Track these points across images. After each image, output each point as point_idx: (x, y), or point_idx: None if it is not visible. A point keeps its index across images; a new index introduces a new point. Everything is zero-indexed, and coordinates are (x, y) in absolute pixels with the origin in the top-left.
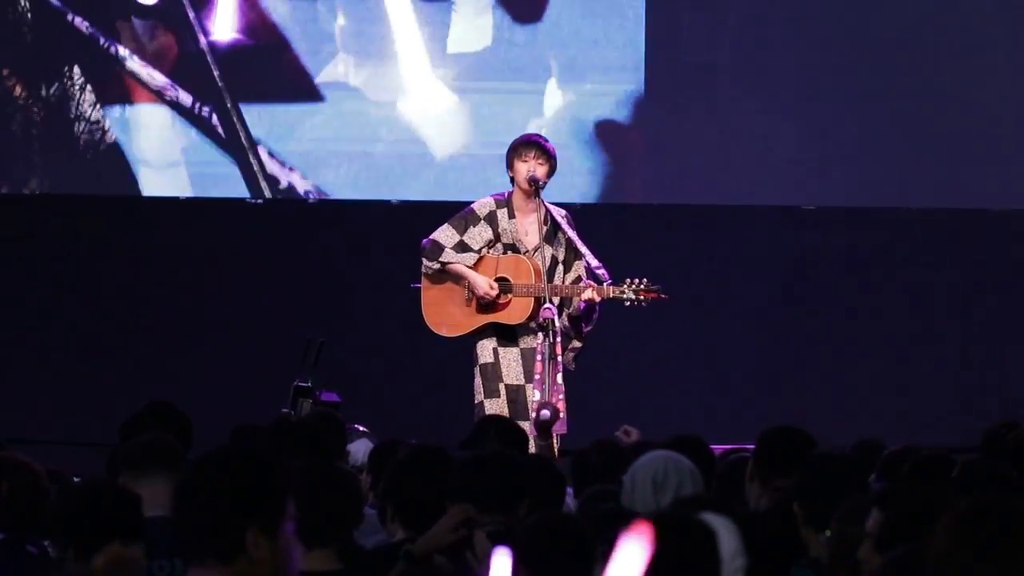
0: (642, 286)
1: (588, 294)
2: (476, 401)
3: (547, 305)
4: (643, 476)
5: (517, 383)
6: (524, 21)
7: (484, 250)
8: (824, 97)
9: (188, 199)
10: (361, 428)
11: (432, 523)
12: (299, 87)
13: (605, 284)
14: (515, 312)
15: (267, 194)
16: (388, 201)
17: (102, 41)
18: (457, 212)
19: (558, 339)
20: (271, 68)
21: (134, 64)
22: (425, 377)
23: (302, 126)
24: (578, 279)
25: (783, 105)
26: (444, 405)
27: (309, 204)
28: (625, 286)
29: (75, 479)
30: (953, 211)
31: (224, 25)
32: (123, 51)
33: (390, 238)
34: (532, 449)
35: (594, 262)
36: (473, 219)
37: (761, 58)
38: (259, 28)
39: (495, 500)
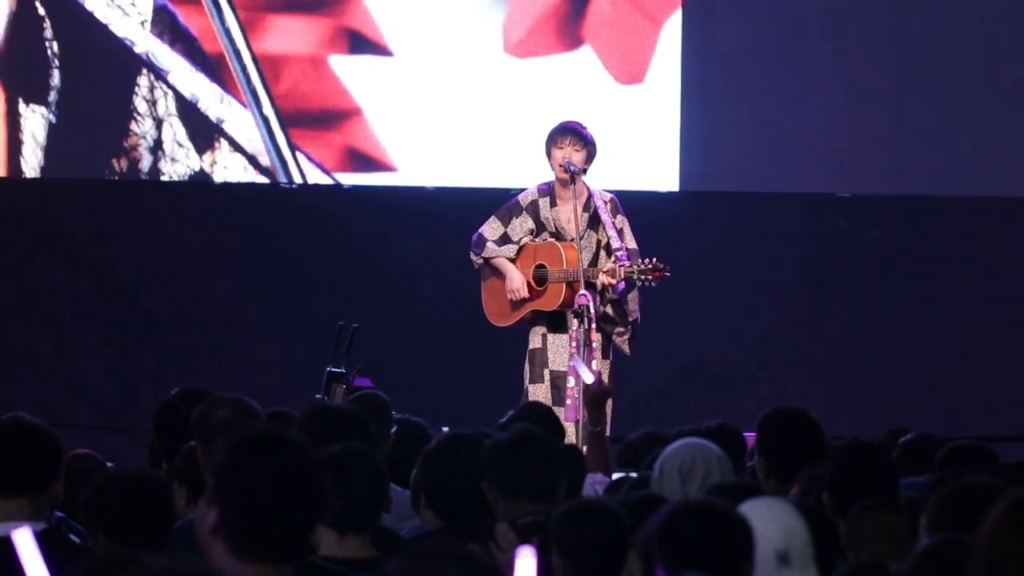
0: (649, 265)
1: (603, 278)
2: (524, 387)
3: (583, 292)
4: (671, 465)
5: (562, 369)
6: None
7: (526, 239)
8: (859, 84)
9: (221, 184)
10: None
11: (465, 511)
12: (337, 74)
13: (617, 265)
14: (550, 298)
15: (300, 179)
16: (424, 187)
17: (129, 30)
18: (503, 203)
19: (593, 326)
20: (305, 56)
21: (161, 48)
22: (458, 363)
23: (338, 112)
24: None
25: (817, 92)
26: (477, 391)
27: (344, 189)
28: (635, 266)
29: (109, 464)
30: (989, 199)
31: (257, 16)
32: (146, 35)
33: (425, 224)
34: (571, 439)
35: (616, 243)
36: (516, 210)
37: (796, 45)
38: (297, 20)
39: (534, 486)
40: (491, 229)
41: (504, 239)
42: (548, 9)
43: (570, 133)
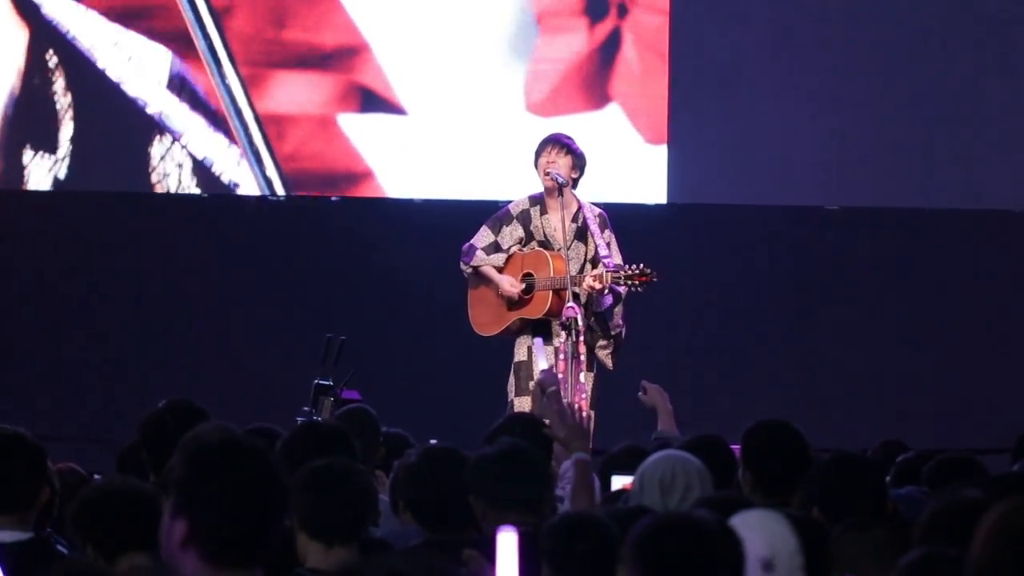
0: (636, 270)
1: (588, 282)
2: (509, 399)
3: (570, 304)
4: (650, 478)
5: None
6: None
7: (515, 248)
8: (847, 96)
9: (208, 196)
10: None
11: (449, 520)
12: (329, 88)
13: (603, 272)
14: (536, 306)
15: (286, 191)
16: (411, 199)
17: (118, 42)
18: (492, 214)
19: (581, 338)
20: (313, 115)
21: (149, 60)
22: (446, 375)
23: (348, 174)
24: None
25: (805, 105)
26: (465, 403)
27: (332, 202)
28: (622, 271)
29: (95, 477)
30: (976, 212)
31: (246, 26)
32: (132, 47)
33: (413, 236)
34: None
35: (603, 252)
36: (507, 219)
37: (783, 58)
38: (284, 30)
39: (521, 498)
40: (481, 238)
41: (494, 248)
42: (572, 65)
43: (554, 144)
